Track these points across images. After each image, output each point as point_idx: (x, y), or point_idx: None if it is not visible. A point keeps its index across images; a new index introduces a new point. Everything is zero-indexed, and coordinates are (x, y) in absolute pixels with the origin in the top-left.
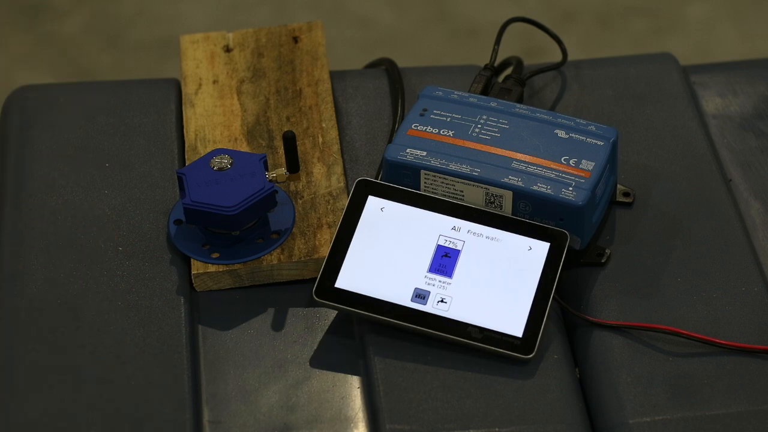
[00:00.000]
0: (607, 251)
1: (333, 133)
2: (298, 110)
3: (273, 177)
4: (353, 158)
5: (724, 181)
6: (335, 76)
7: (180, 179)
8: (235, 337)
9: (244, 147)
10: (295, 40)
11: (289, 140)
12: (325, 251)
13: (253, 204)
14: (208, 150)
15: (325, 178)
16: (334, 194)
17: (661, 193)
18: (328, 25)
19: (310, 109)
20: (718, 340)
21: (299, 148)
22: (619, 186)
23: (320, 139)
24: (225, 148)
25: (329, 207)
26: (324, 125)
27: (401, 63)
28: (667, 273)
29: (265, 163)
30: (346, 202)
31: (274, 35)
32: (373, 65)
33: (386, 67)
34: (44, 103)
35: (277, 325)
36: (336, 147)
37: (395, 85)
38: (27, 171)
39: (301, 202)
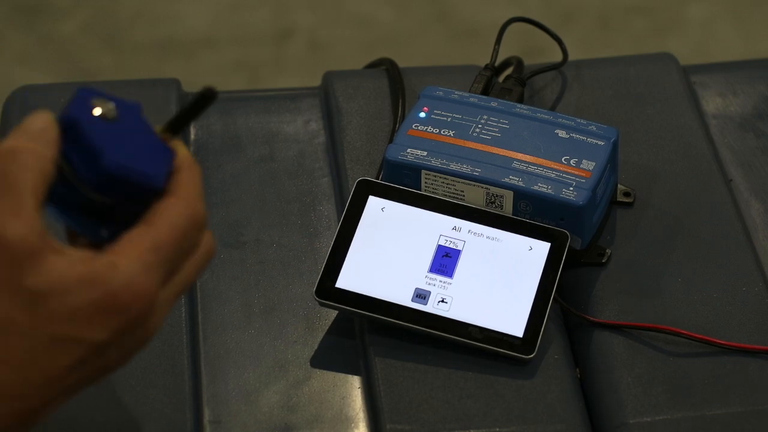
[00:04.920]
0: (608, 251)
1: None
2: None
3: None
4: (353, 158)
5: (725, 181)
6: (335, 76)
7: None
8: (235, 337)
9: None
10: None
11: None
12: None
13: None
14: None
15: None
16: None
17: (662, 193)
18: (328, 25)
19: None
20: (718, 340)
21: None
22: (619, 186)
23: None
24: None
25: None
26: None
27: (401, 63)
28: (667, 273)
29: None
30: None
31: None
32: (373, 65)
33: (386, 67)
34: (44, 103)
35: (277, 325)
36: None
37: (395, 85)
38: None
39: None
